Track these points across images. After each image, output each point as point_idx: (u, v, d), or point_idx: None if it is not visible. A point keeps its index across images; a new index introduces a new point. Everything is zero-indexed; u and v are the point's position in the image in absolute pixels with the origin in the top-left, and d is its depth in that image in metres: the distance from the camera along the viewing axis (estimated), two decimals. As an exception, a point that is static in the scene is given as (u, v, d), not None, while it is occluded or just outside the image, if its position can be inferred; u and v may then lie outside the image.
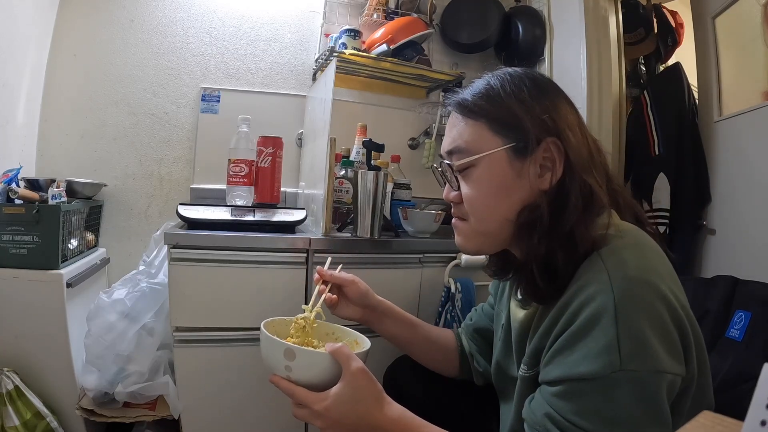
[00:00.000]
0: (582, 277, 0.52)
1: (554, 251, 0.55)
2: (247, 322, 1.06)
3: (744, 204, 1.27)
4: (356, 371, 0.61)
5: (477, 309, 0.89)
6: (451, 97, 0.64)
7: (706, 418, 0.31)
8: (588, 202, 0.56)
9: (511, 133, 0.58)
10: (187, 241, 1.02)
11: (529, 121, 0.57)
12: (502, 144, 0.58)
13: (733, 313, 0.81)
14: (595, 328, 0.48)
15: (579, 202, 0.55)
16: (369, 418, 0.60)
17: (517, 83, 0.60)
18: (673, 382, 0.48)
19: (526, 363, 0.61)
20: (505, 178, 0.58)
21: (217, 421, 1.09)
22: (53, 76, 1.41)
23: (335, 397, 0.60)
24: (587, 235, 0.54)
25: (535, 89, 0.59)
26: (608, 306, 0.48)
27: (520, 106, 0.58)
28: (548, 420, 0.50)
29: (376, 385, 0.63)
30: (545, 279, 0.55)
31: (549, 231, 0.56)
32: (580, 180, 0.56)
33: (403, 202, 1.34)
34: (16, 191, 1.06)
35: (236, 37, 1.58)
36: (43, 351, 1.09)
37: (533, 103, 0.58)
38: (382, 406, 0.61)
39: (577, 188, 0.56)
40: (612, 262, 0.51)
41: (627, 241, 0.55)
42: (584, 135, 0.61)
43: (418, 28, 1.50)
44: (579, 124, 0.61)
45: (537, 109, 0.58)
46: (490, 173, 0.59)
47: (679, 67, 1.49)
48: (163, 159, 1.51)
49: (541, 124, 0.57)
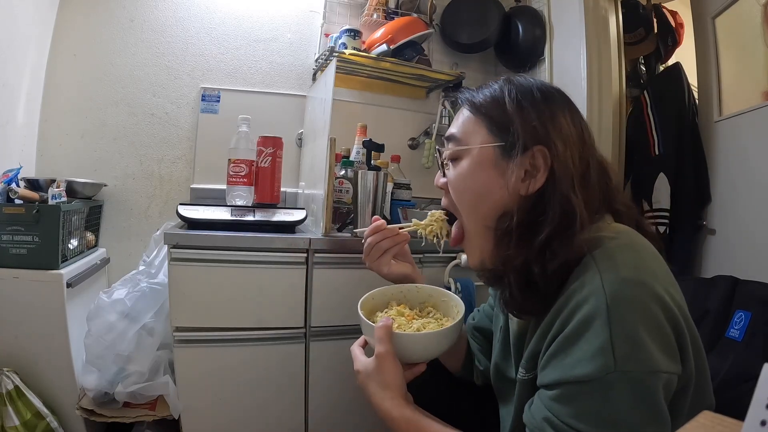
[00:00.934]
0: (576, 280, 0.52)
1: (528, 264, 0.55)
2: (247, 322, 1.07)
3: (744, 204, 1.27)
4: (379, 354, 0.67)
5: (479, 309, 0.90)
6: (465, 92, 0.67)
7: (706, 418, 0.31)
8: (566, 219, 0.55)
9: (502, 133, 0.60)
10: (187, 241, 1.02)
11: (520, 125, 0.58)
12: (492, 141, 0.61)
13: (733, 313, 0.81)
14: (589, 330, 0.48)
15: (555, 216, 0.55)
16: (379, 399, 0.66)
17: (524, 90, 0.61)
18: (669, 381, 0.48)
19: (524, 367, 0.61)
20: (488, 175, 0.61)
21: (217, 421, 1.09)
22: (53, 76, 1.41)
23: (364, 366, 0.70)
24: (562, 251, 0.53)
25: (539, 97, 0.60)
26: (601, 308, 0.48)
27: (516, 109, 0.60)
28: (547, 424, 0.51)
29: (397, 377, 0.67)
30: (523, 293, 0.56)
31: (522, 241, 0.56)
32: (562, 194, 0.56)
33: (403, 202, 1.34)
34: (16, 191, 1.06)
35: (236, 37, 1.58)
36: (43, 351, 1.09)
37: (530, 109, 0.59)
38: (395, 398, 0.66)
39: (557, 201, 0.56)
40: (605, 264, 0.51)
41: (621, 242, 0.55)
42: (584, 151, 0.60)
43: (418, 28, 1.50)
44: (580, 139, 0.60)
45: (532, 115, 0.59)
46: (474, 166, 0.62)
47: (679, 67, 1.49)
48: (163, 159, 1.51)
49: (531, 131, 0.58)
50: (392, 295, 0.84)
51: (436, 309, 0.82)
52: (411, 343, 0.70)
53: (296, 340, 1.11)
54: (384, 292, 0.83)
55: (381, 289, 0.83)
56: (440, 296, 0.83)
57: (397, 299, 0.83)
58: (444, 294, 0.83)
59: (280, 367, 1.11)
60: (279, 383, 1.12)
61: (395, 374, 0.67)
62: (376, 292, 0.82)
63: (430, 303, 0.83)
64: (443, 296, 0.83)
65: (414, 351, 0.71)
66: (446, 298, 0.82)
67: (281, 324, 1.10)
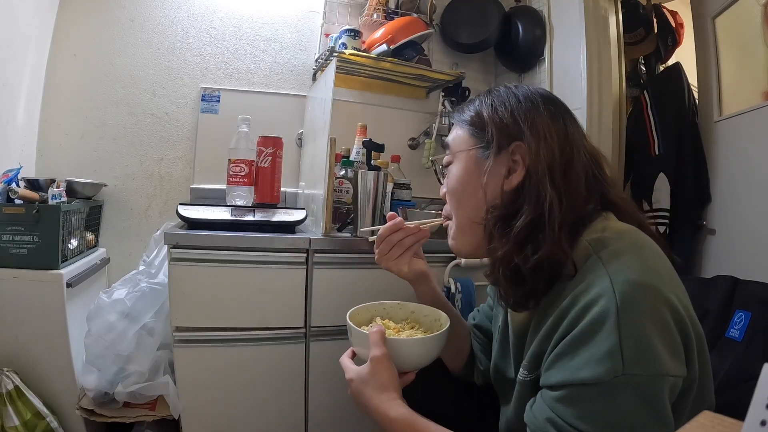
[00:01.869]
0: (583, 280, 0.52)
1: (510, 256, 0.57)
2: (247, 322, 1.07)
3: (744, 204, 1.27)
4: (375, 358, 0.67)
5: (479, 309, 0.90)
6: (456, 110, 0.73)
7: (706, 418, 0.31)
8: (540, 211, 0.56)
9: (481, 135, 0.65)
10: (187, 241, 1.02)
11: (493, 125, 0.63)
12: (474, 145, 0.66)
13: (733, 313, 0.81)
14: (598, 332, 0.48)
15: (530, 209, 0.57)
16: (376, 404, 0.65)
17: (500, 96, 0.66)
18: (674, 384, 0.49)
19: (525, 367, 0.61)
20: (471, 175, 0.66)
21: (217, 421, 1.09)
22: (53, 76, 1.41)
23: (356, 374, 0.69)
24: (547, 246, 0.55)
25: (514, 100, 0.64)
26: (611, 310, 0.48)
27: (491, 112, 0.64)
28: (550, 424, 0.50)
29: (393, 379, 0.67)
30: (511, 285, 0.58)
31: (502, 233, 0.59)
32: (537, 186, 0.58)
33: (403, 202, 1.34)
34: (16, 191, 1.06)
35: (236, 37, 1.58)
36: (43, 351, 1.09)
37: (503, 111, 0.63)
38: (391, 400, 0.65)
39: (533, 193, 0.58)
40: (613, 265, 0.51)
41: (626, 243, 0.55)
42: (566, 145, 0.60)
43: (418, 28, 1.50)
44: (561, 134, 0.61)
45: (504, 115, 0.63)
46: (460, 169, 0.67)
47: (679, 67, 1.49)
48: (163, 159, 1.51)
49: (504, 129, 0.62)
50: (376, 311, 0.84)
51: (418, 324, 0.82)
52: (405, 348, 0.70)
53: (296, 340, 1.11)
54: (368, 308, 0.83)
55: (365, 306, 0.83)
56: (423, 311, 0.83)
57: (380, 315, 0.84)
58: (426, 309, 0.83)
59: (280, 367, 1.11)
60: (279, 383, 1.12)
61: (392, 376, 0.67)
62: (360, 308, 0.82)
63: (413, 319, 0.84)
64: (426, 311, 0.83)
65: (407, 357, 0.71)
66: (428, 312, 0.83)
67: (281, 324, 1.10)
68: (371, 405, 0.66)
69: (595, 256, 0.53)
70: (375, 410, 0.65)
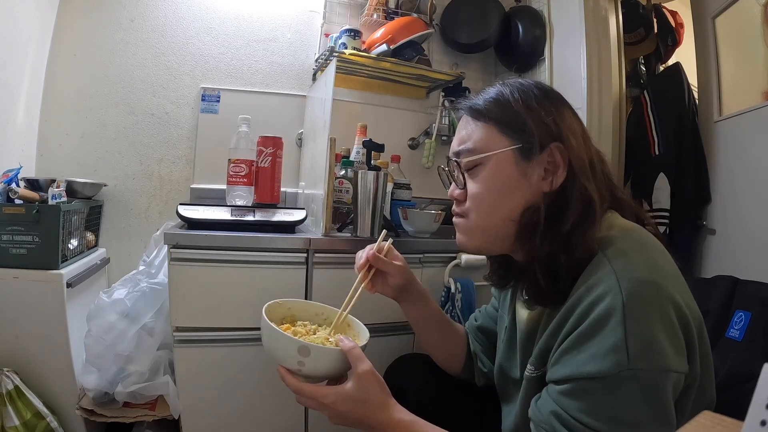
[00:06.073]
0: (589, 278, 0.53)
1: (556, 253, 0.56)
2: (248, 322, 1.06)
3: (744, 204, 1.27)
4: (364, 373, 0.63)
5: (481, 310, 0.89)
6: (463, 101, 0.67)
7: (706, 418, 0.31)
8: (586, 208, 0.57)
9: (517, 135, 0.61)
10: (187, 241, 1.02)
11: (534, 125, 0.60)
12: (510, 145, 0.61)
13: (733, 313, 0.81)
14: (604, 328, 0.49)
15: (578, 206, 0.57)
16: (373, 418, 0.63)
17: (525, 90, 0.63)
18: (678, 381, 0.50)
19: (533, 363, 0.61)
20: (510, 177, 0.61)
21: (217, 421, 1.09)
22: (53, 76, 1.41)
23: (344, 395, 0.63)
24: (584, 239, 0.55)
25: (541, 97, 0.62)
26: (617, 306, 0.49)
27: (526, 110, 0.61)
28: (555, 418, 0.51)
29: (383, 387, 0.65)
30: (548, 281, 0.57)
31: (549, 232, 0.57)
32: (581, 185, 0.58)
33: (403, 202, 1.34)
34: (16, 191, 1.06)
35: (236, 37, 1.58)
36: (43, 351, 1.09)
37: (539, 108, 0.61)
38: (387, 408, 0.63)
39: (578, 193, 0.58)
40: (619, 263, 0.52)
41: (631, 241, 0.56)
42: (587, 143, 0.63)
43: (418, 28, 1.50)
44: (582, 133, 0.63)
45: (542, 114, 0.61)
46: (496, 171, 0.62)
47: (679, 67, 1.49)
48: (163, 159, 1.51)
49: (546, 129, 0.60)
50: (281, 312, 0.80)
51: (311, 321, 0.80)
52: None
53: (296, 340, 1.11)
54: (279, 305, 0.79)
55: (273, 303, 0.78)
56: (301, 307, 0.82)
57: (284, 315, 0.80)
58: (304, 304, 0.83)
59: (280, 367, 1.11)
60: (279, 383, 1.11)
61: (382, 386, 0.65)
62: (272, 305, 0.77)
63: (298, 317, 0.81)
64: (304, 306, 0.83)
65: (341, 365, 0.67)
66: (307, 307, 0.82)
67: (281, 324, 1.10)
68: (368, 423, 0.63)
69: (601, 254, 0.54)
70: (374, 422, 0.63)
